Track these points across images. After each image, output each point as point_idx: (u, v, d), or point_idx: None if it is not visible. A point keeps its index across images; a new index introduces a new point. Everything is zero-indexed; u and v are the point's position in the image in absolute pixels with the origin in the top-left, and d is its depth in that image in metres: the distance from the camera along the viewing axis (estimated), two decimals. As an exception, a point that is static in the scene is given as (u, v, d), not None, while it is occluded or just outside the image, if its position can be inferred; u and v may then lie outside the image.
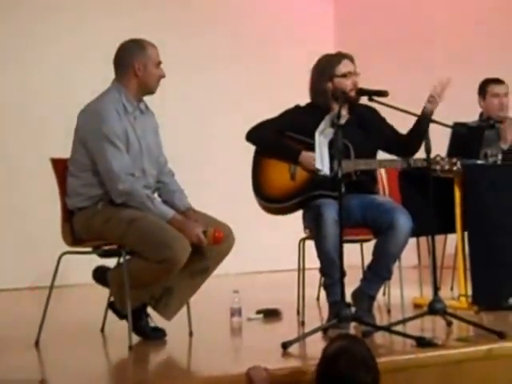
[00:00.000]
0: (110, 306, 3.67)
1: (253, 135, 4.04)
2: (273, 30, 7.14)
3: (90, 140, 3.50)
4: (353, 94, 3.89)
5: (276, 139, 3.98)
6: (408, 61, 7.03)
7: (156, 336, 3.64)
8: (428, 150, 3.66)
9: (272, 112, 4.08)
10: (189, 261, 3.45)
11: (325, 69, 3.97)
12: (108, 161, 3.45)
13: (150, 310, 3.70)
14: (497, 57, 6.52)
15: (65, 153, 3.69)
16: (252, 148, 4.09)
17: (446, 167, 3.88)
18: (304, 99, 4.08)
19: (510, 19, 6.65)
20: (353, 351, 2.46)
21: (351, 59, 4.00)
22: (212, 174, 6.61)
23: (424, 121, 3.82)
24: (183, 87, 6.56)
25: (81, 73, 6.09)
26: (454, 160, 3.89)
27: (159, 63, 3.61)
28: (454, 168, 3.90)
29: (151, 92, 3.63)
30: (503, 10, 6.73)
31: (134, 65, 3.55)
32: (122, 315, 3.56)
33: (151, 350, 3.57)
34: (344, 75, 3.93)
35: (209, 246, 3.50)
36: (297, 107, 4.07)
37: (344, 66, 3.95)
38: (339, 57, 4.00)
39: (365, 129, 4.00)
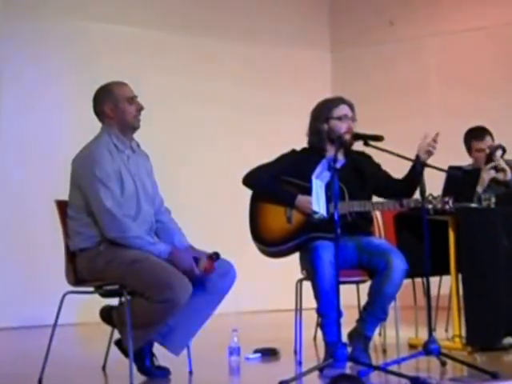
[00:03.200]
0: (117, 344, 3.70)
1: (249, 180, 4.14)
2: (272, 78, 7.30)
3: (84, 183, 3.61)
4: (347, 137, 4.01)
5: (272, 183, 4.07)
6: (403, 110, 7.18)
7: (161, 375, 3.68)
8: (422, 192, 3.73)
9: (269, 154, 4.19)
10: (192, 296, 3.52)
11: (322, 110, 4.09)
12: (101, 200, 3.54)
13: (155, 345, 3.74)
14: (489, 105, 6.66)
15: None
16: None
17: (438, 206, 3.94)
18: (301, 144, 4.20)
19: (504, 68, 6.81)
20: None
21: (350, 105, 4.11)
22: (213, 215, 6.71)
23: (418, 168, 3.89)
24: (182, 128, 6.74)
25: (86, 112, 6.19)
26: (446, 199, 3.95)
27: (132, 98, 3.70)
28: (446, 207, 3.95)
29: (133, 127, 3.71)
30: (496, 60, 6.89)
31: (104, 110, 3.69)
32: (127, 355, 3.57)
33: (151, 389, 3.63)
34: (339, 118, 4.05)
35: (203, 274, 3.57)
36: (293, 151, 4.18)
37: (340, 110, 4.07)
38: (338, 101, 4.12)
39: (360, 173, 4.10)
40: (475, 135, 5.07)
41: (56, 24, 6.36)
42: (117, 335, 3.70)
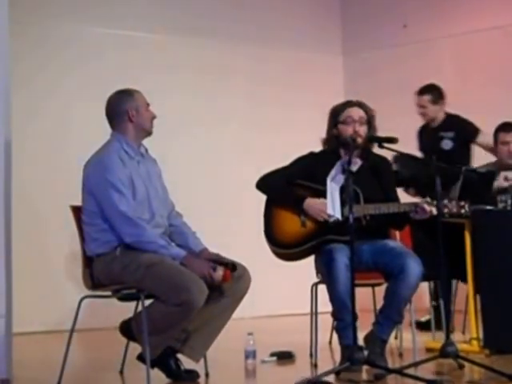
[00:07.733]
0: (139, 358, 3.68)
1: (261, 183, 4.14)
2: (284, 81, 7.32)
3: (97, 189, 3.63)
4: (359, 141, 3.98)
5: (282, 187, 4.07)
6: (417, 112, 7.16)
7: (189, 378, 3.71)
8: (437, 195, 3.71)
9: (285, 159, 4.19)
10: (209, 301, 3.55)
11: (332, 116, 4.11)
12: (115, 205, 3.58)
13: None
14: (503, 105, 6.63)
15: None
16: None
17: (454, 210, 3.92)
18: (316, 148, 4.19)
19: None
20: None
21: (359, 105, 4.08)
22: (227, 219, 6.72)
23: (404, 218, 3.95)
24: (197, 138, 6.76)
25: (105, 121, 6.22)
26: (462, 203, 3.93)
27: (148, 105, 3.80)
28: (462, 211, 3.92)
29: (148, 132, 3.79)
30: (510, 60, 6.87)
31: (127, 111, 3.73)
32: (152, 363, 3.57)
33: (168, 392, 3.64)
34: (344, 122, 4.04)
35: (220, 282, 3.59)
36: (310, 154, 4.17)
37: (345, 114, 4.05)
38: (345, 104, 4.11)
39: (377, 176, 4.09)
40: (503, 128, 5.05)
41: (61, 26, 6.38)
42: (134, 345, 3.70)
